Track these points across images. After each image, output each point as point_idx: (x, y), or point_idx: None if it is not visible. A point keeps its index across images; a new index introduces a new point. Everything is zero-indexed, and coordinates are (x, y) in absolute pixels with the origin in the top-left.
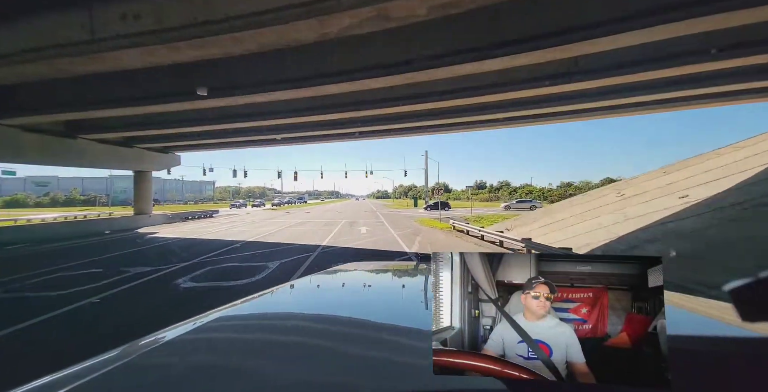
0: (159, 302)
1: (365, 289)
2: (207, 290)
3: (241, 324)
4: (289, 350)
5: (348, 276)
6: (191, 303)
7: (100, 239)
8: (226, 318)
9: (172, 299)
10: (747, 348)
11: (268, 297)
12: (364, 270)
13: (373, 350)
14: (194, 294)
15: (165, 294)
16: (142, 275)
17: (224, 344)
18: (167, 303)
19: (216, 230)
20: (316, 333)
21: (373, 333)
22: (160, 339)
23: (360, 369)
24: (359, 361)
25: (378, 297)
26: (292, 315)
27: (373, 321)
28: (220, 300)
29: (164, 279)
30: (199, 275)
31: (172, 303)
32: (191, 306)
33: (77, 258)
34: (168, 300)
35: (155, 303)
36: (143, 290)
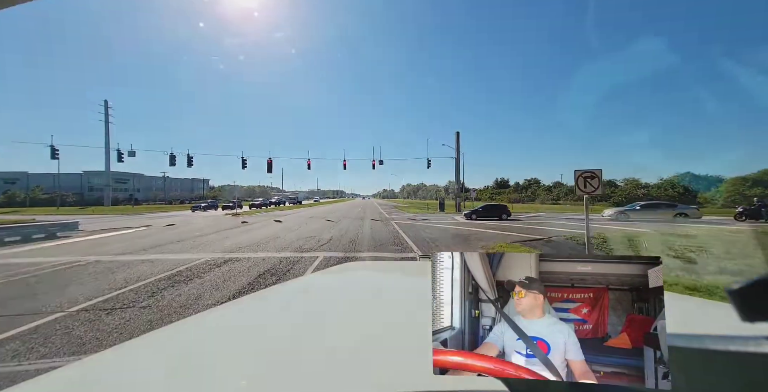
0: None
1: (366, 289)
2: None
3: (241, 323)
4: (289, 349)
5: (348, 276)
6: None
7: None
8: (226, 317)
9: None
10: (747, 348)
11: (268, 297)
12: (365, 270)
13: (373, 350)
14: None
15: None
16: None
17: (224, 343)
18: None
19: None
20: (315, 332)
21: (373, 332)
22: (159, 338)
23: (360, 369)
24: (359, 361)
25: (378, 297)
26: (292, 314)
27: (373, 320)
28: None
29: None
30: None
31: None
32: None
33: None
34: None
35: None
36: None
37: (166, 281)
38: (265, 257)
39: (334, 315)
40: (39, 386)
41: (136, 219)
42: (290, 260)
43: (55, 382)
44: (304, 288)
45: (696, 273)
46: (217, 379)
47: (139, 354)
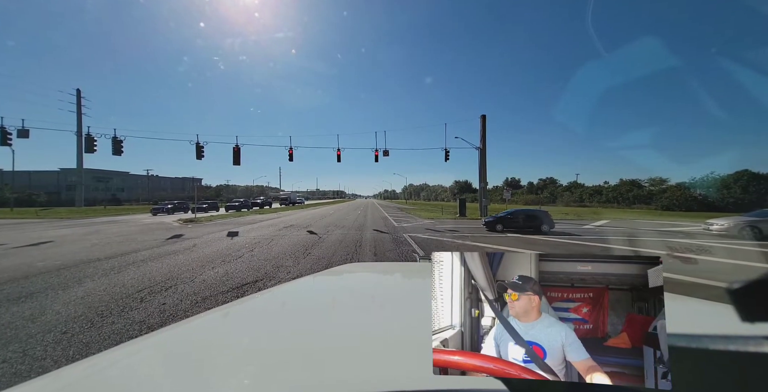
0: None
1: (366, 289)
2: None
3: (242, 324)
4: (290, 349)
5: (349, 276)
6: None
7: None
8: (226, 317)
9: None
10: (747, 348)
11: (268, 297)
12: (365, 271)
13: (373, 350)
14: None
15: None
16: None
17: (224, 343)
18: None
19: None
20: (316, 332)
21: (374, 332)
22: (159, 338)
23: (360, 368)
24: (359, 361)
25: (378, 297)
26: (292, 314)
27: (373, 320)
28: None
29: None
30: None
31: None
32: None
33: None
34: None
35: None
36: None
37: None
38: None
39: (335, 316)
40: (39, 386)
41: (39, 226)
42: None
43: (55, 382)
44: (305, 289)
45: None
46: (218, 379)
47: (139, 355)
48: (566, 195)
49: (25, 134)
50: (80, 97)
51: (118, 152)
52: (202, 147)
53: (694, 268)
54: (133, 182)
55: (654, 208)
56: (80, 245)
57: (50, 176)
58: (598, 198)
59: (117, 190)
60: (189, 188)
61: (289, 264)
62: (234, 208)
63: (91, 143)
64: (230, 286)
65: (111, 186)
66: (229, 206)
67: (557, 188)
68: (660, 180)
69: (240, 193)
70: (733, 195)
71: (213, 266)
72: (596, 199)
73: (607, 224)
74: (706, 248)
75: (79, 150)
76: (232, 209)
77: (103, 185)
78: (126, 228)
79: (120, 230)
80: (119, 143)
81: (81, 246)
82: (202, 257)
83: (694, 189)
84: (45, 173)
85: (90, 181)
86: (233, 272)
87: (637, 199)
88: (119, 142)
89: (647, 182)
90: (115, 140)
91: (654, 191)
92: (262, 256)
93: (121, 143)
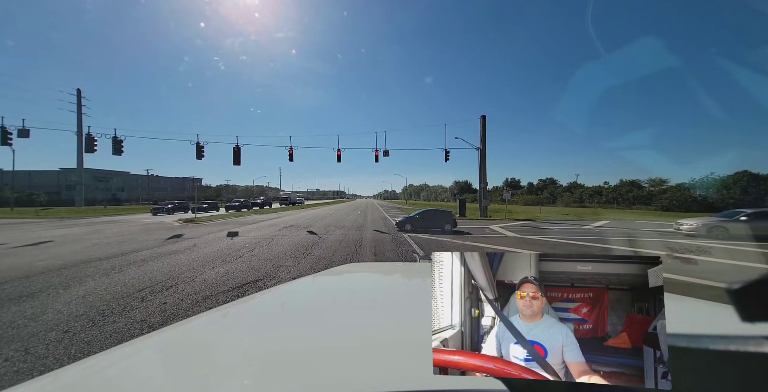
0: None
1: (366, 289)
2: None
3: (242, 324)
4: (290, 349)
5: (348, 277)
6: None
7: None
8: (227, 317)
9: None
10: (747, 348)
11: (268, 297)
12: (365, 271)
13: (373, 350)
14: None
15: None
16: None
17: (224, 343)
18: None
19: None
20: (316, 332)
21: (374, 332)
22: (159, 338)
23: (360, 368)
24: (359, 361)
25: (378, 297)
26: (292, 314)
27: (373, 321)
28: None
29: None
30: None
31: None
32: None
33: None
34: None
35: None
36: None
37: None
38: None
39: (335, 315)
40: (39, 386)
41: (39, 225)
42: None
43: (55, 382)
44: (305, 289)
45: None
46: (218, 379)
47: (139, 355)
48: (566, 196)
49: (26, 134)
50: (80, 97)
51: (118, 152)
52: (202, 147)
53: (694, 268)
54: (133, 182)
55: (654, 209)
56: (81, 245)
57: (50, 176)
58: (598, 199)
59: (117, 190)
60: (189, 188)
61: (289, 264)
62: (234, 208)
63: (92, 142)
64: (230, 286)
65: (111, 186)
66: (229, 206)
67: (557, 188)
68: (660, 181)
69: (240, 193)
70: (732, 196)
71: (213, 266)
72: (596, 200)
73: (607, 224)
74: (706, 249)
75: (80, 150)
76: (232, 209)
77: (103, 185)
78: (126, 228)
79: (120, 230)
80: (119, 143)
81: (81, 246)
82: (203, 257)
83: (694, 190)
84: (45, 172)
85: (90, 181)
86: (233, 272)
87: (637, 200)
88: (119, 142)
89: (647, 182)
90: (115, 140)
91: (654, 191)
92: (263, 256)
93: (121, 142)
